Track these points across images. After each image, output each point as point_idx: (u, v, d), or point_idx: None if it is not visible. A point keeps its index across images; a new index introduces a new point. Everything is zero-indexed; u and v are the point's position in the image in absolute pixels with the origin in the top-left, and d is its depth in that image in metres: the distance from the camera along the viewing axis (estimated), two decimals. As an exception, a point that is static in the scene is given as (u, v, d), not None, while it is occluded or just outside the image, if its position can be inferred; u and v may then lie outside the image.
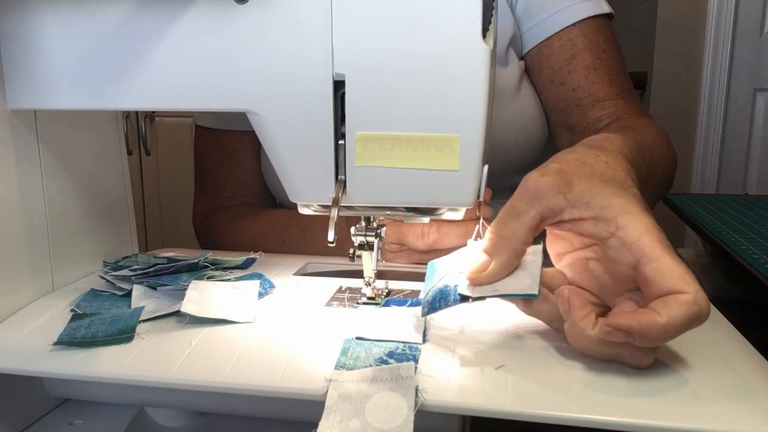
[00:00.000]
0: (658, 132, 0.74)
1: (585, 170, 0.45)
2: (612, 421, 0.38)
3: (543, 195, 0.44)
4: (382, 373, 0.42)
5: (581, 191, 0.44)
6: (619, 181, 0.45)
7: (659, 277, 0.40)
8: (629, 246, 0.41)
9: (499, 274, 0.46)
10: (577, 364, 0.43)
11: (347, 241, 0.54)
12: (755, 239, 0.85)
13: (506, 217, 0.46)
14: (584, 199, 0.43)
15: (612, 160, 0.47)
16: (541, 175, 0.45)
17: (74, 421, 0.55)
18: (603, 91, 0.79)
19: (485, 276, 0.46)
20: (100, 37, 0.48)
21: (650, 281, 0.40)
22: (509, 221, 0.45)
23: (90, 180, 0.63)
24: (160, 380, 0.44)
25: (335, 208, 0.46)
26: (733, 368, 0.42)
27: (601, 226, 0.43)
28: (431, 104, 0.45)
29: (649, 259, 0.40)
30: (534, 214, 0.44)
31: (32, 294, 0.56)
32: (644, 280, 0.41)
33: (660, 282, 0.40)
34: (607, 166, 0.46)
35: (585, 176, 0.44)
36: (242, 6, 0.46)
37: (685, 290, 0.39)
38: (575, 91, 0.79)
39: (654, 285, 0.40)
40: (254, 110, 0.48)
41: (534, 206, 0.44)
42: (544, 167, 0.45)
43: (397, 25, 0.44)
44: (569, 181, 0.44)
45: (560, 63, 0.80)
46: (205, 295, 0.53)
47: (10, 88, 0.52)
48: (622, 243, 0.42)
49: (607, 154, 0.47)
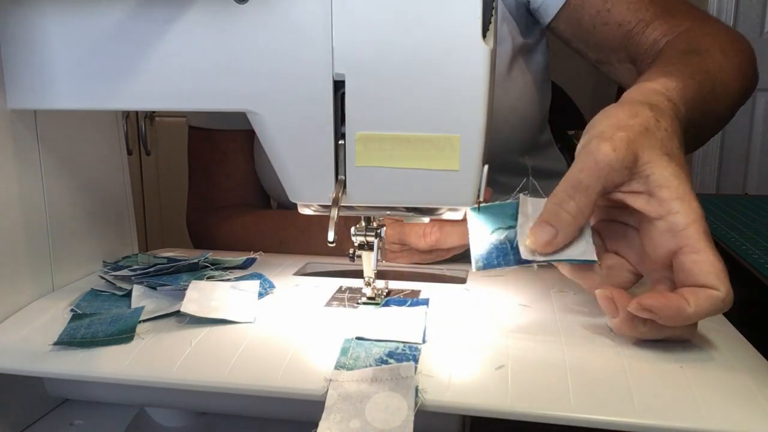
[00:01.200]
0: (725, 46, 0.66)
1: (649, 140, 0.44)
2: (612, 421, 0.38)
3: (612, 170, 0.44)
4: (382, 373, 0.42)
5: (644, 164, 0.44)
6: (677, 155, 0.45)
7: (698, 270, 0.42)
8: (675, 233, 0.43)
9: (563, 244, 0.47)
10: (577, 364, 0.43)
11: (346, 241, 0.54)
12: (755, 239, 0.85)
13: (573, 191, 0.45)
14: (645, 173, 0.44)
15: (670, 126, 0.46)
16: (614, 149, 0.44)
17: (74, 421, 0.55)
18: (649, 13, 0.74)
19: (551, 247, 0.46)
20: (100, 38, 0.48)
21: (688, 272, 0.42)
22: (576, 196, 0.45)
23: (90, 180, 0.63)
24: (160, 380, 0.44)
25: (335, 208, 0.46)
26: (733, 368, 0.42)
27: (654, 204, 0.44)
28: (431, 104, 0.45)
29: (692, 250, 0.42)
30: (600, 189, 0.45)
31: (32, 294, 0.56)
32: (682, 269, 0.43)
33: (697, 275, 0.42)
34: (666, 134, 0.46)
35: (648, 147, 0.44)
36: (242, 6, 0.46)
37: (718, 287, 0.41)
38: (621, 25, 0.76)
39: (691, 276, 0.42)
40: (254, 110, 0.48)
41: (601, 181, 0.44)
42: (613, 137, 0.44)
43: (397, 24, 0.44)
44: (636, 153, 0.44)
45: (596, 6, 0.76)
46: (205, 295, 0.53)
47: (10, 88, 0.52)
48: (669, 228, 0.43)
49: (665, 118, 0.47)
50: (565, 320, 0.50)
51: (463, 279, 0.63)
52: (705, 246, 0.42)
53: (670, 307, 0.42)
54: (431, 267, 0.68)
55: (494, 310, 0.53)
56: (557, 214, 0.46)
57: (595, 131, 0.46)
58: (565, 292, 0.57)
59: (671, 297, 0.42)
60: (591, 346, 0.46)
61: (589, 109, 1.66)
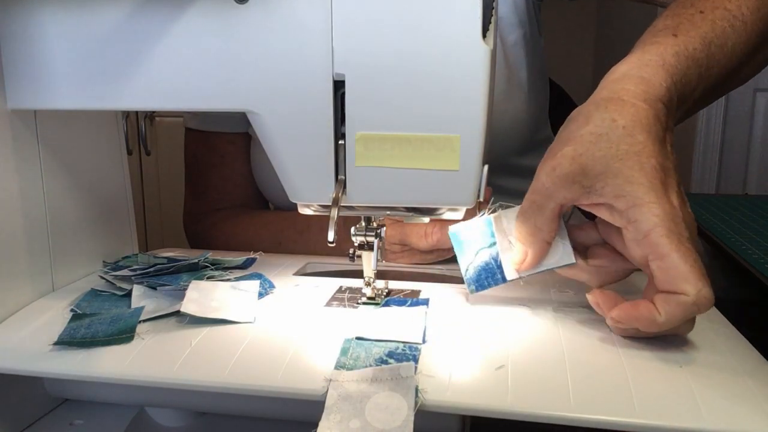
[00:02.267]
0: None
1: (600, 148, 0.44)
2: (612, 421, 0.38)
3: (559, 189, 0.45)
4: (382, 373, 0.42)
5: (595, 176, 0.44)
6: (635, 154, 0.43)
7: (663, 276, 0.41)
8: (639, 242, 0.42)
9: (536, 261, 0.50)
10: (577, 364, 0.43)
11: (346, 241, 0.54)
12: (755, 239, 0.85)
13: (528, 212, 0.48)
14: (598, 185, 0.44)
15: (630, 121, 0.44)
16: (554, 168, 0.45)
17: (74, 421, 0.55)
18: None
19: (525, 266, 0.50)
20: (100, 37, 0.48)
21: (657, 279, 0.42)
22: (531, 216, 0.48)
23: (90, 180, 0.63)
24: (160, 380, 0.44)
25: (335, 208, 0.46)
26: (733, 368, 0.42)
27: (615, 215, 0.44)
28: (431, 104, 0.45)
29: (655, 257, 0.42)
30: (553, 206, 0.47)
31: (32, 294, 0.56)
32: (652, 275, 0.43)
33: (663, 281, 0.41)
34: (625, 132, 0.44)
35: (600, 158, 0.44)
36: (242, 6, 0.46)
37: (686, 291, 0.40)
38: None
39: (660, 283, 0.42)
40: (254, 110, 0.48)
41: (552, 199, 0.46)
42: (557, 155, 0.45)
43: (397, 25, 0.44)
44: (583, 166, 0.44)
45: None
46: (205, 295, 0.53)
47: (10, 88, 0.52)
48: (633, 237, 0.43)
49: (626, 113, 0.44)
50: (565, 320, 0.50)
51: (463, 279, 0.63)
52: (669, 250, 0.41)
53: (640, 319, 0.42)
54: (431, 267, 0.68)
55: (494, 309, 0.53)
56: (522, 234, 0.49)
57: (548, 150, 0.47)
58: (565, 291, 0.57)
59: (642, 307, 0.42)
60: (591, 346, 0.46)
61: (589, 109, 1.61)
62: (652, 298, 0.43)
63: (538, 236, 0.49)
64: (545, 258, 0.50)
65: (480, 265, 0.52)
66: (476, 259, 0.53)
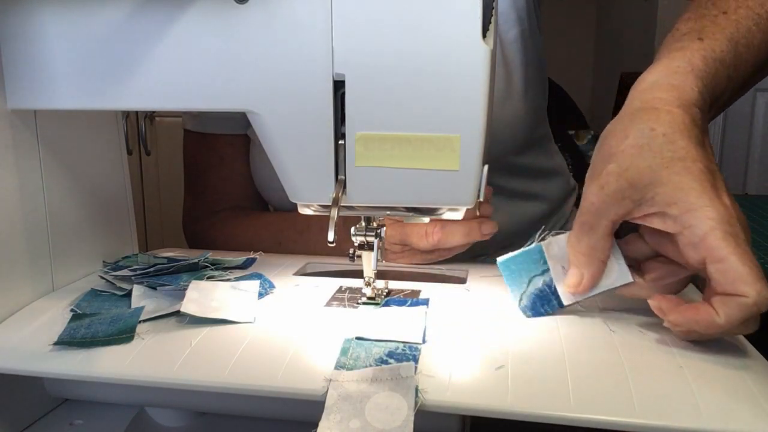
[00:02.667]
0: None
1: (644, 159, 0.43)
2: (612, 421, 0.38)
3: (609, 206, 0.45)
4: (382, 373, 0.42)
5: (644, 187, 0.43)
6: (680, 159, 0.43)
7: (722, 278, 0.41)
8: (695, 246, 0.42)
9: (593, 282, 0.49)
10: (577, 364, 0.43)
11: (346, 241, 0.54)
12: (755, 239, 0.85)
13: (581, 233, 0.48)
14: (648, 195, 0.43)
15: (669, 127, 0.44)
16: (602, 187, 0.45)
17: (74, 421, 0.55)
18: None
19: (582, 288, 0.49)
20: (100, 37, 0.48)
21: (716, 281, 0.42)
22: (584, 237, 0.48)
23: (90, 180, 0.63)
24: (160, 380, 0.44)
25: (335, 208, 0.46)
26: (733, 368, 0.42)
27: (669, 222, 0.43)
28: (431, 104, 0.45)
29: (713, 260, 0.41)
30: (606, 224, 0.46)
31: (32, 294, 0.56)
32: (710, 278, 0.42)
33: (723, 284, 0.41)
34: (666, 139, 0.43)
35: (645, 168, 0.43)
36: (242, 6, 0.46)
37: (745, 293, 0.40)
38: None
39: (719, 285, 0.41)
40: (254, 110, 0.48)
41: (603, 217, 0.46)
42: (603, 173, 0.45)
43: (397, 25, 0.44)
44: (630, 180, 0.44)
45: None
46: (205, 295, 0.53)
47: (10, 88, 0.52)
48: (689, 242, 0.42)
49: (662, 121, 0.44)
50: (565, 320, 0.50)
51: (463, 279, 0.63)
52: (727, 252, 0.41)
53: (700, 321, 0.42)
54: (431, 267, 0.68)
55: (494, 310, 0.53)
56: (576, 257, 0.49)
57: (590, 168, 0.47)
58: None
59: (701, 310, 0.42)
60: (591, 347, 0.46)
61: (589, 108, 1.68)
62: (710, 300, 0.42)
63: (593, 256, 0.48)
64: (601, 279, 0.49)
65: (534, 292, 0.52)
66: (530, 287, 0.52)
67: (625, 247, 0.50)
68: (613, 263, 0.49)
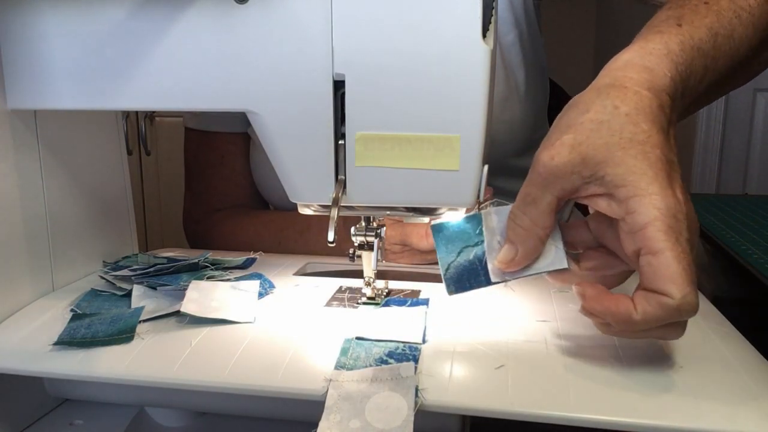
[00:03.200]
0: None
1: (601, 135, 0.41)
2: (612, 421, 0.38)
3: (556, 179, 0.42)
4: (382, 373, 0.42)
5: (596, 165, 0.41)
6: (639, 143, 0.41)
7: (651, 273, 0.39)
8: (634, 234, 0.39)
9: (526, 261, 0.45)
10: (577, 364, 0.43)
11: (346, 241, 0.54)
12: (755, 239, 0.85)
13: (523, 205, 0.44)
14: (599, 174, 0.41)
15: (634, 108, 0.42)
16: (552, 157, 0.42)
17: (74, 421, 0.55)
18: None
19: (514, 264, 0.45)
20: (100, 37, 0.48)
21: (643, 275, 0.39)
22: (527, 210, 0.44)
23: (90, 180, 0.63)
24: (160, 380, 0.44)
25: (335, 208, 0.46)
26: (733, 368, 0.42)
27: (614, 206, 0.41)
28: (431, 104, 0.45)
29: (648, 251, 0.39)
30: (550, 199, 0.43)
31: (32, 294, 0.56)
32: (640, 272, 0.40)
33: (651, 279, 0.39)
34: (628, 119, 0.41)
35: (600, 146, 0.41)
36: (242, 6, 0.46)
37: (670, 293, 0.38)
38: None
39: (645, 280, 0.39)
40: (254, 110, 0.48)
41: (549, 191, 0.43)
42: (556, 143, 0.42)
43: (397, 25, 0.44)
44: (583, 155, 0.41)
45: None
46: (205, 295, 0.53)
47: (10, 88, 0.52)
48: (629, 228, 0.40)
49: (629, 100, 0.42)
50: (565, 320, 0.50)
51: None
52: (664, 246, 0.38)
53: (615, 314, 0.40)
54: (431, 267, 0.68)
55: (494, 310, 0.53)
56: (513, 230, 0.45)
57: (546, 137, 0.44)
58: (565, 291, 0.57)
59: (621, 303, 0.40)
60: (591, 346, 0.46)
61: (589, 109, 1.60)
62: (633, 295, 0.40)
63: (532, 232, 0.44)
64: (537, 260, 0.46)
65: (463, 264, 0.47)
66: (459, 258, 0.48)
67: (568, 232, 0.47)
68: (551, 246, 0.46)
